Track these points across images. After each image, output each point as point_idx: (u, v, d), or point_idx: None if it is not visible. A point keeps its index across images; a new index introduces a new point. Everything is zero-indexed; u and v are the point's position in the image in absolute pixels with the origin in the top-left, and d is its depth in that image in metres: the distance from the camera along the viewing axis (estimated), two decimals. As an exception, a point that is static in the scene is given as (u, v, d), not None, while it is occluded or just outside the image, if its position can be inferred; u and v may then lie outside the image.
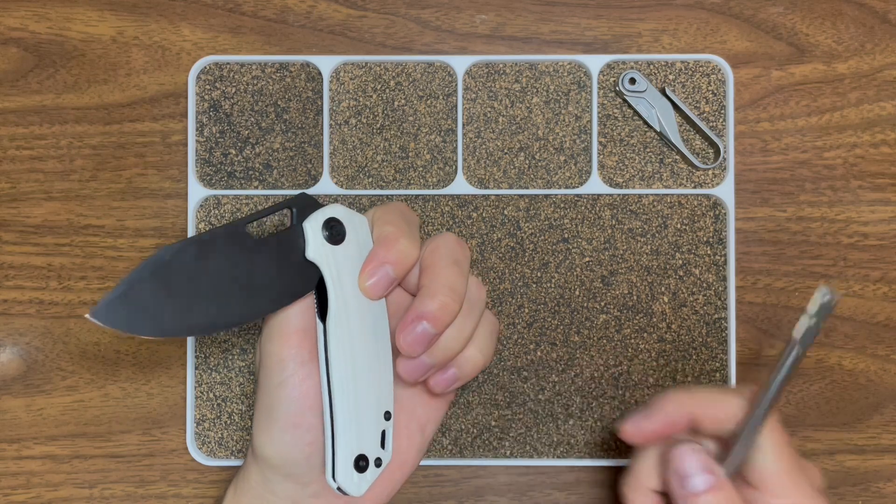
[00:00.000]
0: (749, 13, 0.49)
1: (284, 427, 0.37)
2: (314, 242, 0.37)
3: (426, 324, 0.35)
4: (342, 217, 0.38)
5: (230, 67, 0.49)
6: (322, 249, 0.37)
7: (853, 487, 0.48)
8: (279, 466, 0.37)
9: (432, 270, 0.37)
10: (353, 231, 0.38)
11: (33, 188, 0.48)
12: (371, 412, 0.38)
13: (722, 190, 0.48)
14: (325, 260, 0.37)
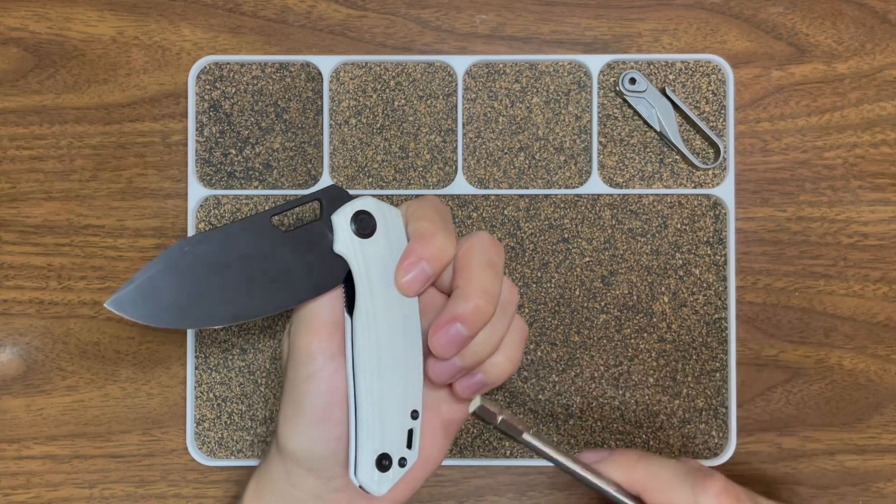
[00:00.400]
0: (749, 13, 0.49)
1: (311, 421, 0.36)
2: (342, 236, 0.37)
3: (460, 326, 0.35)
4: (372, 210, 0.37)
5: (230, 67, 0.49)
6: (350, 243, 0.37)
7: (853, 487, 0.48)
8: (303, 460, 0.37)
9: (468, 271, 0.36)
10: (383, 224, 0.37)
11: (33, 188, 0.48)
12: (397, 411, 0.37)
13: (722, 190, 0.48)
14: (353, 254, 0.37)
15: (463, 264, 0.36)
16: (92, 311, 0.48)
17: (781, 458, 0.48)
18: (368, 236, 0.37)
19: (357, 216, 0.37)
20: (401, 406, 0.37)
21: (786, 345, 0.48)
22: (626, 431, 0.48)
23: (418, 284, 0.36)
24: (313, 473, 0.37)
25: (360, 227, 0.37)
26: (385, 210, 0.37)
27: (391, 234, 0.37)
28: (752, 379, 0.48)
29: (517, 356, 0.38)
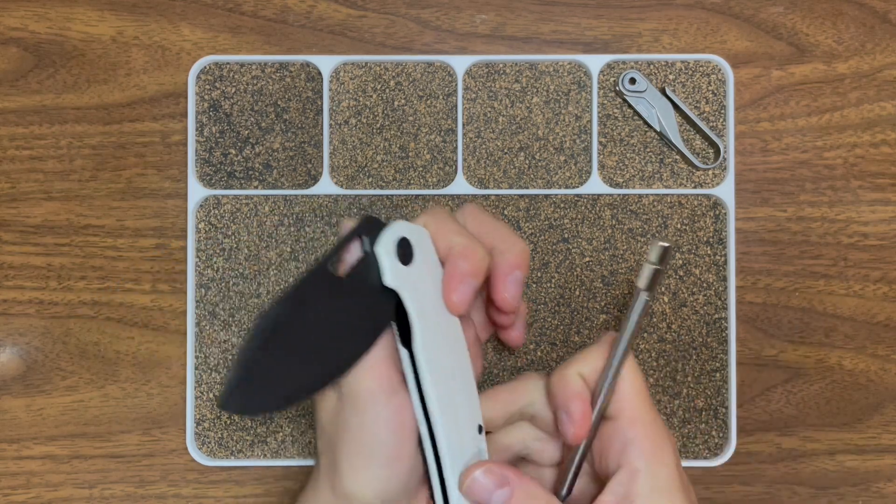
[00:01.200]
0: (749, 13, 0.49)
1: (385, 463, 0.35)
2: (390, 267, 0.35)
3: (519, 273, 0.37)
4: (407, 234, 0.35)
5: (230, 67, 0.49)
6: (398, 273, 0.35)
7: (853, 487, 0.48)
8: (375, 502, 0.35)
9: (489, 230, 0.38)
10: (418, 246, 0.36)
11: (33, 188, 0.48)
12: (468, 430, 0.36)
13: (722, 190, 0.48)
14: (404, 283, 0.35)
15: (476, 228, 0.38)
16: (92, 311, 0.48)
17: (781, 458, 0.48)
18: (409, 262, 0.35)
19: (399, 244, 0.35)
20: (470, 424, 0.36)
21: (786, 345, 0.48)
22: (626, 431, 0.48)
23: (468, 300, 0.37)
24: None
25: (402, 254, 0.35)
26: (414, 231, 0.36)
27: (425, 253, 0.36)
28: (752, 379, 0.48)
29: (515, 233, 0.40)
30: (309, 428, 0.48)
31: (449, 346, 0.36)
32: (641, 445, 0.36)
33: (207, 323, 0.48)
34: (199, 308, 0.48)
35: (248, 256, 0.48)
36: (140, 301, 0.48)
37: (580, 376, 0.37)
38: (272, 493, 0.48)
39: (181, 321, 0.48)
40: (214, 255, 0.48)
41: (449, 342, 0.36)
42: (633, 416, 0.37)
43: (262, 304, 0.48)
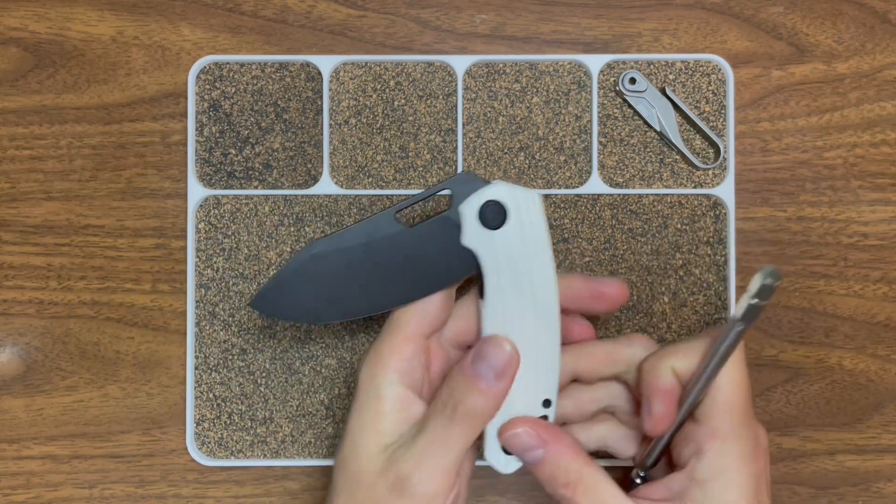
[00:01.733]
0: (749, 13, 0.49)
1: None
2: (470, 229, 0.36)
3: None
4: (503, 198, 0.35)
5: (230, 67, 0.49)
6: (478, 236, 0.36)
7: (853, 487, 0.48)
8: None
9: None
10: (516, 211, 0.36)
11: (33, 188, 0.48)
12: (527, 397, 0.37)
13: (722, 190, 0.48)
14: (482, 247, 0.36)
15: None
16: (92, 311, 0.48)
17: (781, 458, 0.48)
18: (500, 226, 0.36)
19: (486, 207, 0.35)
20: (531, 394, 0.37)
21: (786, 345, 0.48)
22: (626, 431, 0.48)
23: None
24: None
25: (489, 218, 0.35)
26: (519, 195, 0.36)
27: (526, 220, 0.36)
28: (752, 379, 0.48)
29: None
30: (309, 428, 0.48)
31: (528, 317, 0.36)
32: (711, 461, 0.36)
33: (207, 323, 0.48)
34: (199, 308, 0.48)
35: (248, 256, 0.48)
36: (140, 301, 0.48)
37: (673, 371, 0.37)
38: (272, 493, 0.48)
39: (181, 321, 0.48)
40: (214, 255, 0.48)
41: (529, 313, 0.36)
42: (714, 431, 0.36)
43: (262, 304, 0.48)
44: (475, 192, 0.36)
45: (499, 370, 0.36)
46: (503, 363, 0.36)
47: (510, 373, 0.36)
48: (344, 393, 0.48)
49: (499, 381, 0.36)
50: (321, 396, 0.48)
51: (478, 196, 0.36)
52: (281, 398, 0.48)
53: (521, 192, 0.36)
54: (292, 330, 0.48)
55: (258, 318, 0.47)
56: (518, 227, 0.36)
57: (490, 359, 0.36)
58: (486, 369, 0.36)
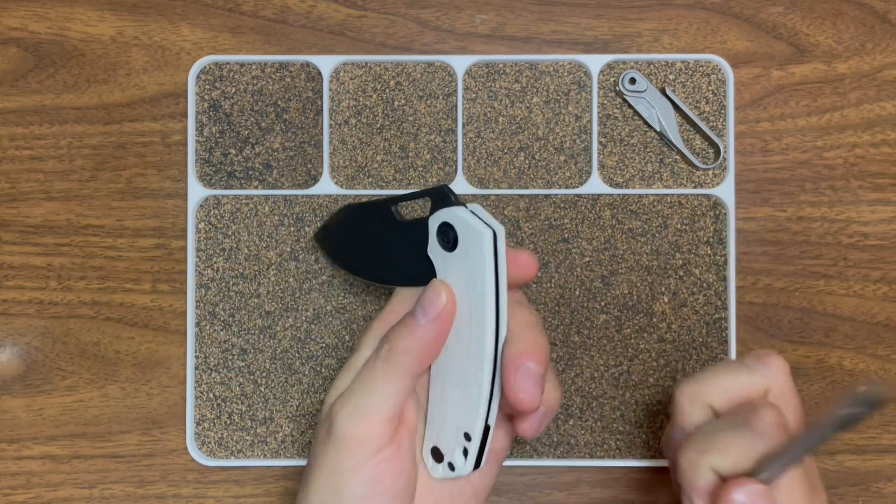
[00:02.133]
0: (749, 13, 0.49)
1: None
2: (432, 242, 0.36)
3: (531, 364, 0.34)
4: (456, 225, 0.35)
5: (230, 67, 0.49)
6: (435, 251, 0.36)
7: (853, 487, 0.48)
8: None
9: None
10: (464, 243, 0.35)
11: (33, 188, 0.48)
12: (452, 422, 0.36)
13: (722, 190, 0.48)
14: (438, 263, 0.36)
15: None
16: (92, 311, 0.48)
17: (781, 459, 0.48)
18: (452, 250, 0.35)
19: (443, 226, 0.35)
20: (455, 420, 0.36)
21: (786, 345, 0.48)
22: (625, 431, 0.48)
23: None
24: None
25: (442, 238, 0.36)
26: (469, 228, 0.35)
27: (471, 254, 0.35)
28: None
29: (558, 381, 0.39)
30: (309, 428, 0.48)
31: (464, 346, 0.36)
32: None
33: (207, 323, 0.48)
34: (199, 308, 0.48)
35: (248, 256, 0.48)
36: (140, 301, 0.48)
37: (713, 471, 0.34)
38: (272, 493, 0.48)
39: (181, 321, 0.48)
40: (214, 255, 0.48)
41: (465, 343, 0.36)
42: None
43: (261, 303, 0.48)
44: (439, 210, 0.36)
45: (430, 313, 0.35)
46: (435, 307, 0.35)
47: (442, 318, 0.35)
48: (344, 393, 0.48)
49: (428, 321, 0.35)
50: (321, 396, 0.48)
51: (439, 214, 0.36)
52: (281, 398, 0.48)
53: (473, 227, 0.34)
54: (292, 330, 0.48)
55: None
56: (463, 258, 0.35)
57: (424, 302, 0.36)
58: (419, 311, 0.36)
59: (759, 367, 0.37)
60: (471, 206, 0.35)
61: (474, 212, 0.35)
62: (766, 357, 0.37)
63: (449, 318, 0.36)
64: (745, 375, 0.37)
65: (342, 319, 0.48)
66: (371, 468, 0.35)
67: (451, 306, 0.36)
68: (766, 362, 0.37)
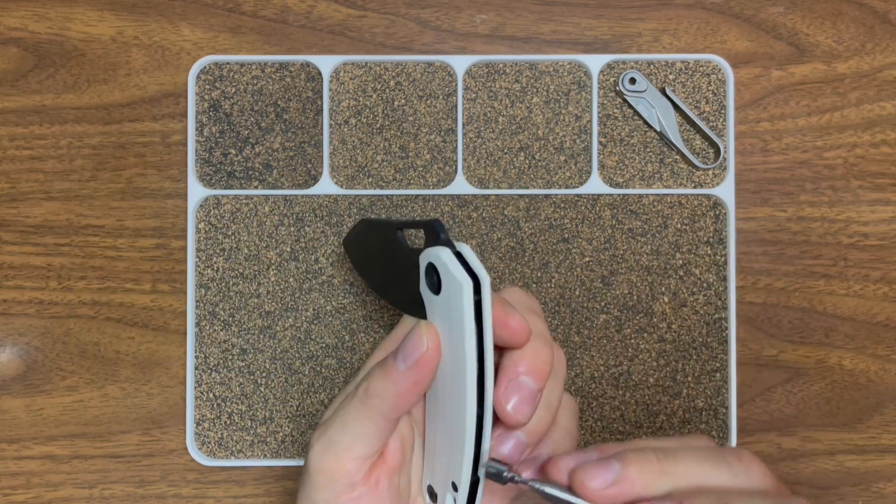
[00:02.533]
0: (749, 13, 0.49)
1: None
2: (422, 279, 0.34)
3: (526, 378, 0.32)
4: (439, 268, 0.32)
5: (230, 67, 0.49)
6: (425, 290, 0.34)
7: (853, 488, 0.48)
8: None
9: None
10: (446, 289, 0.32)
11: (33, 188, 0.48)
12: (442, 467, 0.35)
13: (722, 190, 0.48)
14: (427, 301, 0.34)
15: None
16: (92, 311, 0.48)
17: (781, 459, 0.48)
18: (437, 293, 0.33)
19: (430, 267, 0.33)
20: (444, 467, 0.35)
21: (786, 345, 0.48)
22: (626, 431, 0.48)
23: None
24: None
25: (428, 279, 0.33)
26: (450, 276, 0.32)
27: (452, 302, 0.32)
28: (752, 379, 0.48)
29: (575, 433, 0.35)
30: (309, 428, 0.48)
31: (448, 392, 0.34)
32: None
33: (207, 323, 0.48)
34: (199, 308, 0.48)
35: (248, 256, 0.48)
36: (140, 301, 0.48)
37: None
38: (272, 493, 0.48)
39: (181, 321, 0.48)
40: (214, 255, 0.48)
41: (449, 389, 0.34)
42: None
43: (261, 303, 0.48)
44: (428, 249, 0.33)
45: (409, 359, 0.33)
46: (414, 354, 0.33)
47: (421, 366, 0.33)
48: (344, 393, 0.48)
49: (406, 368, 0.33)
50: (321, 396, 0.48)
51: (426, 254, 0.33)
52: (281, 398, 0.48)
53: (453, 274, 0.31)
54: (292, 330, 0.48)
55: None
56: (445, 305, 0.32)
57: (405, 345, 0.34)
58: (400, 355, 0.34)
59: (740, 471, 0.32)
60: (459, 245, 0.32)
61: (462, 254, 0.32)
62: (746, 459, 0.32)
63: (429, 365, 0.33)
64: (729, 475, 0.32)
65: (342, 319, 0.48)
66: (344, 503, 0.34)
67: (433, 353, 0.33)
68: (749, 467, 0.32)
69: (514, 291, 0.36)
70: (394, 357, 0.34)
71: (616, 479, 0.31)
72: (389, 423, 0.34)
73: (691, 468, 0.31)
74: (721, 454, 0.32)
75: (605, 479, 0.31)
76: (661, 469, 0.31)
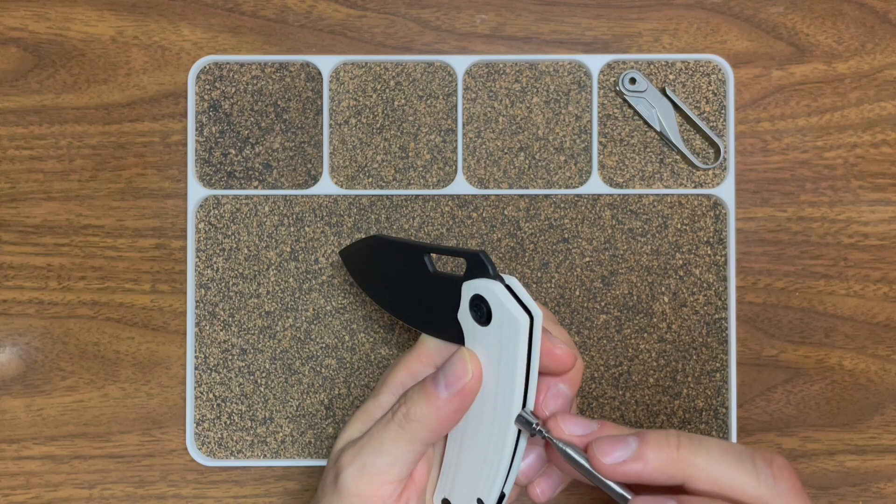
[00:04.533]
0: (749, 13, 0.49)
1: None
2: (462, 307, 0.34)
3: (563, 387, 0.35)
4: (492, 302, 0.33)
5: (230, 67, 0.49)
6: (466, 319, 0.34)
7: (853, 488, 0.48)
8: None
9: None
10: (499, 323, 0.33)
11: (33, 188, 0.48)
12: (464, 489, 0.36)
13: (722, 190, 0.48)
14: (468, 330, 0.34)
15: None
16: (92, 311, 0.48)
17: (782, 459, 0.48)
18: (485, 324, 0.34)
19: (476, 298, 0.33)
20: (470, 484, 0.36)
21: (786, 345, 0.48)
22: (626, 431, 0.48)
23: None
24: None
25: (474, 310, 0.34)
26: (505, 312, 0.32)
27: (505, 336, 0.33)
28: (753, 379, 0.48)
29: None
30: (309, 428, 0.48)
31: (487, 419, 0.35)
32: None
33: (207, 323, 0.48)
34: (199, 308, 0.48)
35: (248, 256, 0.48)
36: (140, 301, 0.48)
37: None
38: (272, 493, 0.48)
39: (181, 321, 0.48)
40: (214, 255, 0.48)
41: (489, 416, 0.34)
42: None
43: (261, 304, 0.48)
44: (474, 279, 0.34)
45: (453, 387, 0.34)
46: (457, 380, 0.34)
47: (464, 394, 0.34)
48: (344, 393, 0.48)
49: (450, 395, 0.34)
50: (321, 396, 0.48)
51: (472, 284, 0.34)
52: (281, 398, 0.48)
53: (509, 311, 0.32)
54: (292, 330, 0.48)
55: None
56: (496, 336, 0.33)
57: (448, 372, 0.34)
58: (440, 380, 0.34)
59: (766, 478, 0.31)
60: (508, 279, 0.33)
61: (512, 288, 0.33)
62: (778, 466, 0.31)
63: (472, 394, 0.34)
64: (752, 478, 0.31)
65: (342, 319, 0.48)
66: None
67: (476, 382, 0.34)
68: (778, 475, 0.31)
69: (552, 327, 0.37)
70: (435, 383, 0.34)
71: (631, 456, 0.31)
72: (426, 448, 0.35)
73: (711, 462, 0.31)
74: (749, 454, 0.31)
75: (618, 455, 0.32)
76: (678, 456, 0.31)
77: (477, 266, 0.33)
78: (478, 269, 0.33)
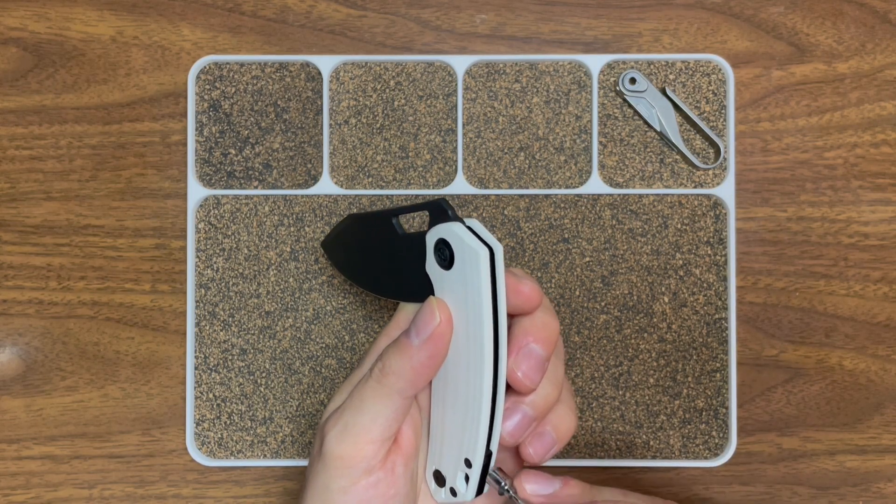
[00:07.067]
0: (749, 13, 0.49)
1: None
2: (429, 259, 0.35)
3: (535, 345, 0.34)
4: (452, 242, 0.33)
5: (230, 67, 0.49)
6: (433, 268, 0.35)
7: (853, 488, 0.48)
8: None
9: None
10: (461, 261, 0.33)
11: (33, 188, 0.48)
12: (452, 446, 0.35)
13: (722, 190, 0.48)
14: (436, 280, 0.35)
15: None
16: (92, 311, 0.48)
17: (781, 459, 0.48)
18: (448, 267, 0.34)
19: (440, 243, 0.34)
20: (456, 445, 0.35)
21: (786, 345, 0.48)
22: (626, 431, 0.48)
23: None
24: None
25: (439, 255, 0.34)
26: (465, 246, 0.33)
27: (468, 273, 0.33)
28: (753, 379, 0.48)
29: (576, 410, 0.37)
30: (309, 428, 0.48)
31: (462, 369, 0.35)
32: None
33: (207, 323, 0.48)
34: (199, 308, 0.48)
35: (248, 256, 0.48)
36: (140, 301, 0.48)
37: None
38: (272, 493, 0.48)
39: (181, 321, 0.48)
40: (214, 255, 0.48)
41: (464, 365, 0.34)
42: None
43: (261, 304, 0.48)
44: (436, 226, 0.34)
45: (423, 333, 0.34)
46: (428, 327, 0.34)
47: (435, 339, 0.34)
48: (344, 393, 0.48)
49: (421, 342, 0.34)
50: (321, 396, 0.48)
51: (435, 231, 0.34)
52: (281, 398, 0.48)
53: (468, 245, 0.32)
54: (292, 330, 0.48)
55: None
56: (460, 277, 0.33)
57: (417, 321, 0.34)
58: (413, 331, 0.34)
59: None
60: (469, 221, 0.34)
61: (472, 228, 0.33)
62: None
63: (443, 338, 0.34)
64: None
65: (342, 319, 0.48)
66: (360, 491, 0.34)
67: (446, 326, 0.34)
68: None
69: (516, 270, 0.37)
70: (406, 334, 0.35)
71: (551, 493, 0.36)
72: (405, 402, 0.35)
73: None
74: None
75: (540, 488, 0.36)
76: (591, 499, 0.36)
77: (439, 213, 0.34)
78: (440, 215, 0.34)
